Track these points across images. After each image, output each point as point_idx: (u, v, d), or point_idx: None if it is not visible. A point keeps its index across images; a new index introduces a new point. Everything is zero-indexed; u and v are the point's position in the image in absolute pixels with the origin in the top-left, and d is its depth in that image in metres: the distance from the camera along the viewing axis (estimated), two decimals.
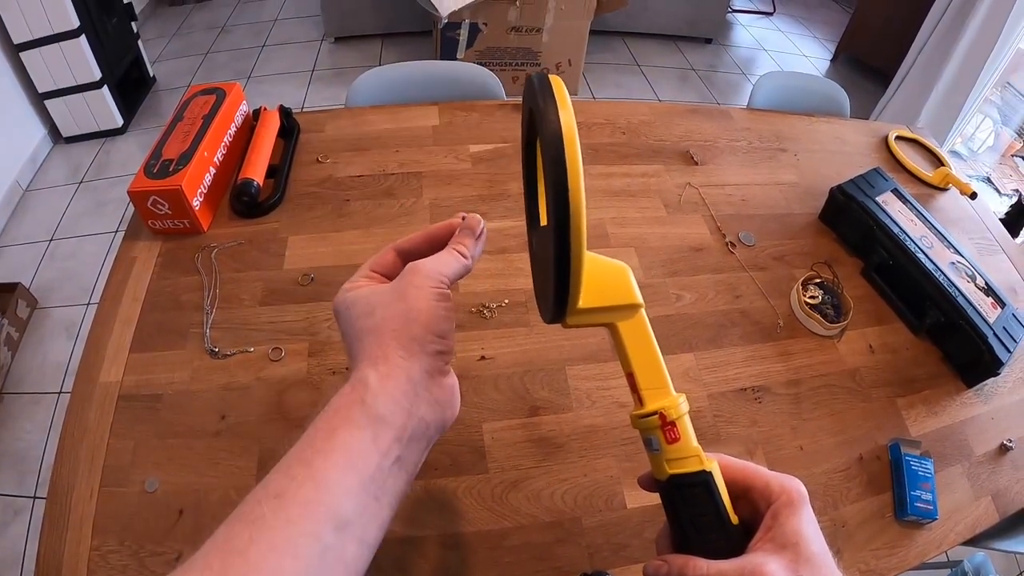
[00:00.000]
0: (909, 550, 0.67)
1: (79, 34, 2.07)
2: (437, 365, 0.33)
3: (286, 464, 0.28)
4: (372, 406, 0.29)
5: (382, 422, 0.29)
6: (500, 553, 0.60)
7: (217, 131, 0.89)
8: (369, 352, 0.32)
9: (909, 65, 2.59)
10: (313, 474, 0.27)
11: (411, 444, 0.31)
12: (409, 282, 0.33)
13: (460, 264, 0.36)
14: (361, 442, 0.28)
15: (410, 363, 0.31)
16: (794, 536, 0.31)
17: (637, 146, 1.09)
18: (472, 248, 0.37)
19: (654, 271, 0.89)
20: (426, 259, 0.35)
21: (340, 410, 0.30)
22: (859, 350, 0.84)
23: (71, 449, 0.63)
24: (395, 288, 0.34)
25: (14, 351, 1.68)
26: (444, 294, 0.34)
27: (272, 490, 0.27)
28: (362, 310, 0.34)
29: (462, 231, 0.38)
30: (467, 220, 0.38)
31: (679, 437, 0.33)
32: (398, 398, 0.30)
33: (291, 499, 0.26)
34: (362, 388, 0.30)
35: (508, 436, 0.69)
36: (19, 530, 1.39)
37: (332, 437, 0.28)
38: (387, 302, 0.33)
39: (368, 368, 0.31)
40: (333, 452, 0.28)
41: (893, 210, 0.95)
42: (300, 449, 0.29)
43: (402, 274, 0.35)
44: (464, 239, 0.37)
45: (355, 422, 0.29)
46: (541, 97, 0.28)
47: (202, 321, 0.75)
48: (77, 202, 2.12)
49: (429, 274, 0.34)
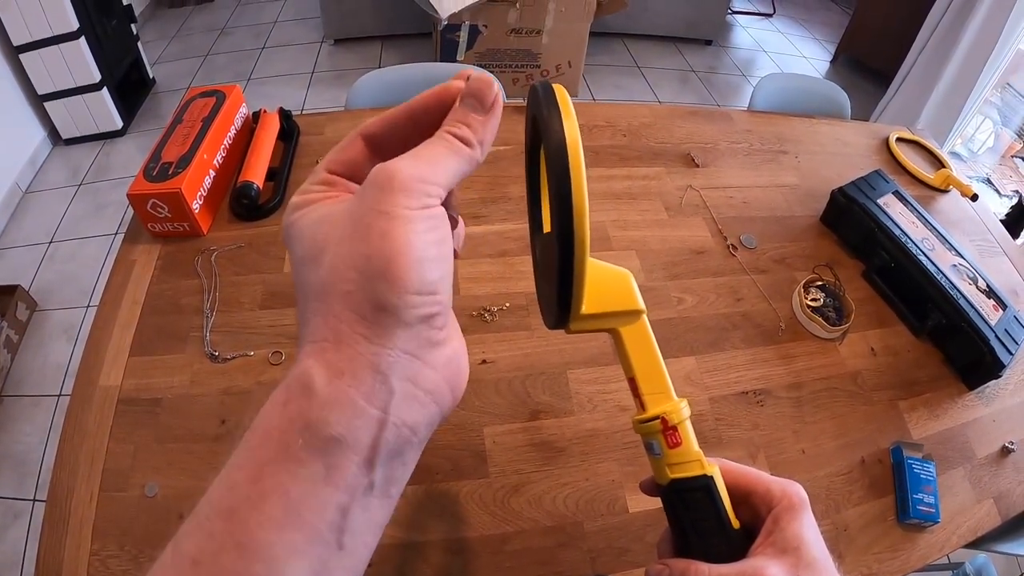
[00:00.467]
0: (911, 553, 0.67)
1: (79, 36, 2.07)
2: (424, 337, 0.21)
3: (203, 512, 0.20)
4: (319, 425, 0.19)
5: (338, 447, 0.19)
6: (502, 558, 0.60)
7: (217, 134, 0.89)
8: (313, 330, 0.21)
9: (909, 66, 2.59)
10: (236, 536, 0.18)
11: (390, 462, 0.21)
12: (372, 203, 0.21)
13: (460, 159, 0.23)
14: (305, 482, 0.19)
15: (378, 346, 0.20)
16: (795, 541, 0.31)
17: (638, 148, 1.09)
18: (480, 130, 0.24)
19: (655, 274, 0.88)
20: (403, 157, 0.22)
21: (271, 434, 0.20)
22: (861, 353, 0.84)
23: (71, 453, 0.63)
24: (352, 214, 0.21)
25: (14, 353, 1.68)
26: (432, 216, 0.22)
27: (186, 552, 0.19)
28: (307, 250, 0.22)
29: (464, 102, 0.24)
30: (472, 82, 0.24)
31: (681, 442, 0.33)
32: (360, 405, 0.20)
33: (210, 569, 0.18)
34: (303, 397, 0.20)
35: (509, 440, 0.68)
36: (19, 533, 1.38)
37: (260, 479, 0.19)
38: (339, 240, 0.21)
39: (312, 359, 0.20)
40: (263, 501, 0.19)
41: (894, 212, 0.95)
42: (218, 491, 0.20)
43: (363, 186, 0.22)
44: (466, 115, 0.24)
45: (293, 455, 0.19)
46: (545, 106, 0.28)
47: (202, 324, 0.75)
48: (77, 204, 2.11)
49: (405, 186, 0.21)
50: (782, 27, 3.63)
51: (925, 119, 2.50)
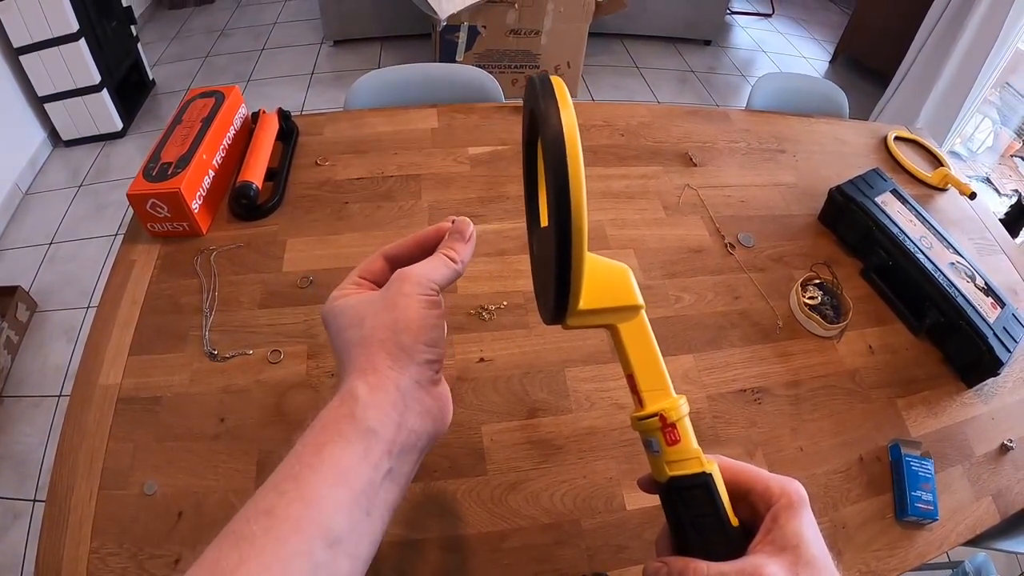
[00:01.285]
0: (909, 551, 0.67)
1: (78, 37, 2.07)
2: (428, 374, 0.32)
3: (275, 480, 0.27)
4: (362, 419, 0.29)
5: (372, 435, 0.29)
6: (499, 555, 0.60)
7: (216, 134, 0.89)
8: (358, 363, 0.31)
9: (908, 66, 2.59)
10: (302, 490, 0.26)
11: (402, 456, 0.30)
12: (397, 290, 0.33)
13: (449, 270, 0.35)
14: (351, 456, 0.28)
15: (399, 374, 0.31)
16: (794, 538, 0.31)
17: (636, 148, 1.09)
18: (462, 252, 0.36)
19: (653, 273, 0.89)
20: (415, 265, 0.35)
21: (329, 424, 0.29)
22: (859, 351, 0.84)
23: (70, 452, 0.63)
24: (383, 297, 0.33)
25: (14, 354, 1.68)
26: (434, 301, 0.33)
27: (261, 507, 0.26)
28: (350, 320, 0.33)
29: (451, 235, 0.37)
30: (456, 224, 0.37)
31: (679, 439, 0.33)
32: (387, 410, 0.30)
33: (281, 516, 0.26)
34: (351, 401, 0.30)
35: (507, 438, 0.68)
36: (19, 533, 1.39)
37: (321, 452, 0.28)
38: (375, 311, 0.33)
39: (357, 380, 0.30)
40: (322, 467, 0.27)
41: (892, 211, 0.95)
42: (289, 464, 0.28)
43: (390, 282, 0.34)
44: (453, 244, 0.36)
45: (344, 436, 0.28)
46: (542, 98, 0.27)
47: (201, 324, 0.75)
48: (77, 205, 2.12)
49: (418, 281, 0.33)
50: (781, 27, 3.63)
51: (924, 119, 2.50)
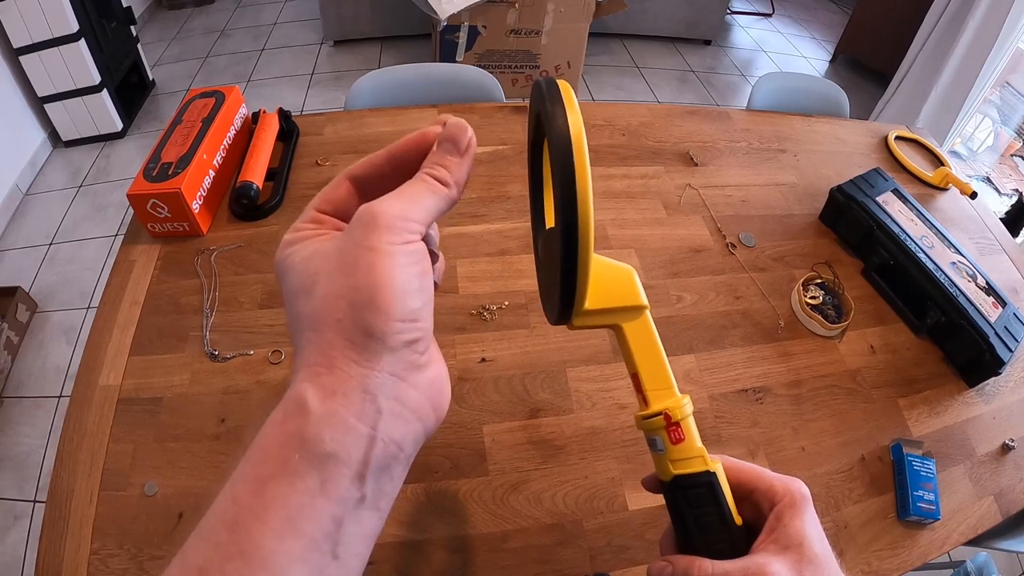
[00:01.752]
0: (911, 551, 0.67)
1: (78, 38, 2.07)
2: (407, 360, 0.23)
3: (208, 525, 0.21)
4: (314, 442, 0.21)
5: (331, 462, 0.21)
6: (501, 556, 0.60)
7: (216, 134, 0.89)
8: (308, 356, 0.23)
9: (908, 65, 2.59)
10: (241, 545, 0.20)
11: (380, 476, 0.22)
12: (359, 240, 0.23)
13: (438, 197, 0.25)
14: (303, 495, 0.21)
15: (367, 369, 0.22)
16: (798, 537, 0.31)
17: (637, 148, 1.09)
18: (456, 171, 0.26)
19: (654, 272, 0.88)
20: (386, 197, 0.24)
21: (271, 450, 0.21)
22: (860, 350, 0.84)
23: (71, 453, 0.63)
24: (340, 250, 0.23)
25: (14, 355, 1.68)
26: (414, 251, 0.23)
27: (192, 562, 0.20)
28: (299, 282, 0.24)
29: (441, 146, 0.26)
30: (447, 128, 0.27)
31: (683, 438, 0.33)
32: (351, 423, 0.21)
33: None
34: (298, 415, 0.21)
35: (509, 438, 0.68)
36: (19, 534, 1.38)
37: (263, 491, 0.21)
38: (328, 271, 0.23)
39: (305, 383, 0.22)
40: (265, 512, 0.20)
41: (893, 210, 0.95)
42: (223, 504, 0.21)
43: (350, 224, 0.24)
44: (443, 157, 0.26)
45: (291, 468, 0.21)
46: (549, 100, 0.28)
47: (201, 324, 0.75)
48: (77, 206, 2.12)
49: (389, 223, 0.23)
50: (781, 27, 3.63)
51: (924, 118, 2.50)
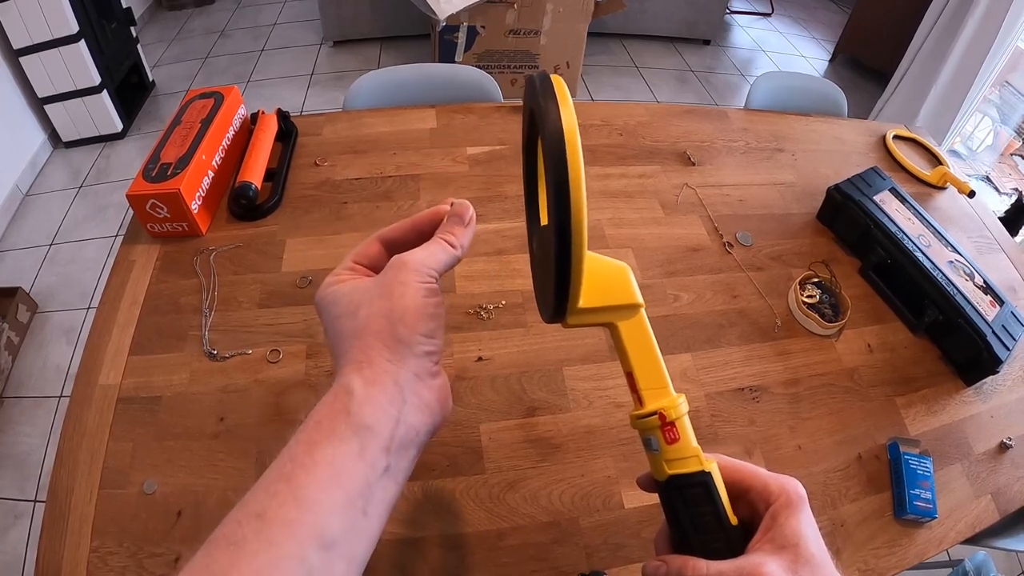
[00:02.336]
0: (909, 549, 0.67)
1: (79, 39, 2.08)
2: (426, 367, 0.31)
3: (267, 480, 0.26)
4: (357, 415, 0.28)
5: (368, 432, 0.28)
6: (498, 554, 0.60)
7: (215, 135, 0.89)
8: (352, 356, 0.30)
9: (907, 65, 2.59)
10: (295, 491, 0.25)
11: (400, 452, 0.29)
12: (394, 277, 0.31)
13: (448, 255, 0.34)
14: (346, 455, 0.27)
15: (397, 367, 0.30)
16: (793, 537, 0.31)
17: (634, 147, 1.09)
18: (461, 237, 0.35)
19: (651, 272, 0.89)
20: (412, 251, 0.33)
21: (323, 421, 0.28)
22: (857, 349, 0.84)
23: (70, 452, 0.63)
24: (379, 284, 0.32)
25: (14, 355, 1.69)
26: (432, 289, 0.32)
27: (253, 509, 0.25)
28: (344, 309, 0.32)
29: (450, 219, 0.35)
30: (455, 207, 0.36)
31: (678, 437, 0.33)
32: (384, 405, 0.29)
33: (273, 519, 0.25)
34: (345, 396, 0.28)
35: (505, 437, 0.69)
36: (20, 534, 1.39)
37: (314, 451, 0.27)
38: (370, 300, 0.31)
39: (352, 374, 0.29)
40: (316, 467, 0.26)
41: (890, 209, 0.95)
42: (281, 463, 0.27)
43: (386, 268, 0.32)
44: (452, 227, 0.35)
45: (339, 434, 0.27)
46: (542, 96, 0.28)
47: (200, 324, 0.75)
48: (77, 207, 2.12)
49: (415, 268, 0.32)
50: (780, 27, 3.63)
51: (924, 118, 2.50)
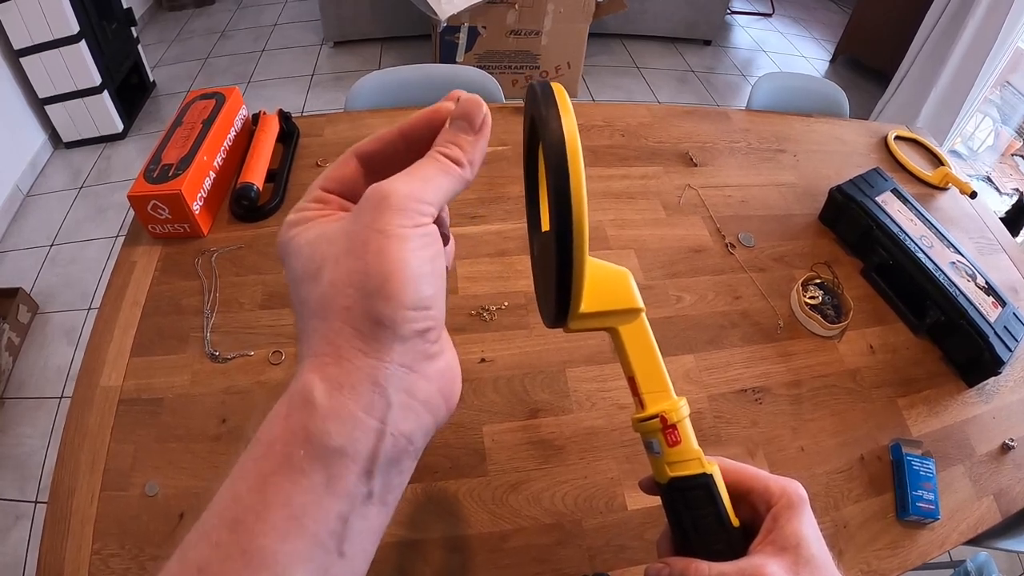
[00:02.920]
0: (911, 550, 0.67)
1: (79, 39, 2.08)
2: (419, 351, 0.22)
3: (208, 524, 0.20)
4: (320, 437, 0.20)
5: (338, 458, 0.20)
6: (500, 555, 0.60)
7: (216, 135, 0.89)
8: (314, 345, 0.22)
9: (908, 65, 2.59)
10: (242, 544, 0.19)
11: (388, 470, 0.21)
12: (369, 222, 0.21)
13: (451, 178, 0.24)
14: (307, 492, 0.20)
15: (375, 359, 0.21)
16: (794, 538, 0.31)
17: (636, 148, 1.09)
18: (470, 150, 0.24)
19: (654, 273, 0.89)
20: (397, 177, 0.23)
21: (274, 446, 0.20)
22: (859, 350, 0.84)
23: (72, 453, 0.63)
24: (348, 233, 0.22)
25: (15, 356, 1.69)
26: (425, 234, 0.22)
27: (192, 561, 0.19)
28: (304, 267, 0.22)
29: (454, 123, 0.25)
30: (461, 104, 0.25)
31: (680, 440, 0.33)
32: (359, 418, 0.20)
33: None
34: (304, 410, 0.20)
35: (508, 438, 0.68)
36: (21, 535, 1.39)
37: (264, 489, 0.20)
38: (335, 257, 0.22)
39: (311, 374, 0.21)
40: (267, 511, 0.19)
41: (892, 210, 0.95)
42: (224, 502, 0.20)
43: (359, 205, 0.22)
44: (456, 136, 0.24)
45: (296, 465, 0.20)
46: (543, 104, 0.28)
47: (202, 325, 0.75)
48: (78, 207, 2.12)
49: (400, 205, 0.21)
50: (781, 27, 3.63)
51: (924, 118, 2.50)
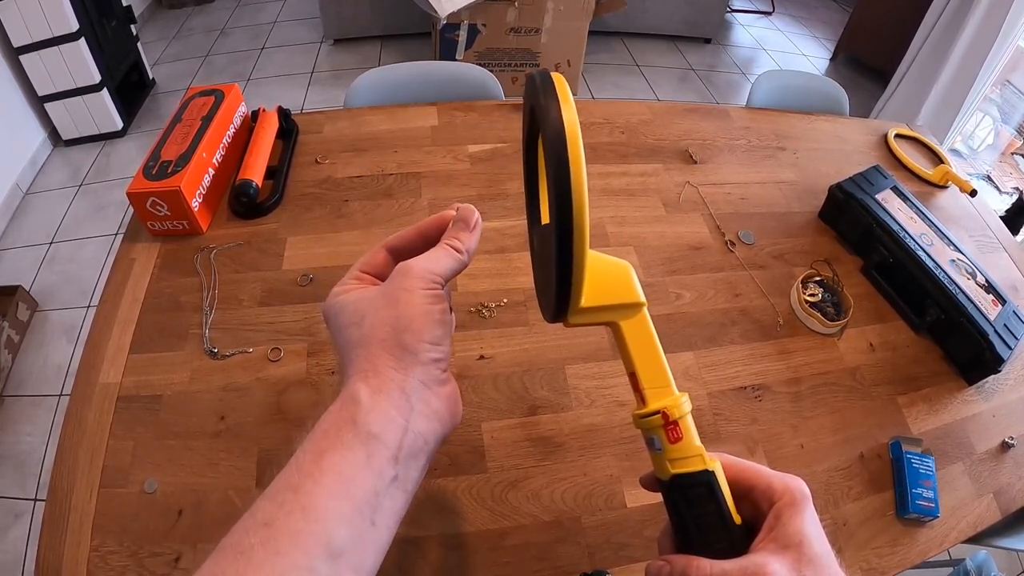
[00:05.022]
0: (911, 548, 0.67)
1: (78, 37, 2.07)
2: (433, 374, 0.31)
3: (273, 489, 0.27)
4: (364, 424, 0.28)
5: (375, 441, 0.28)
6: (500, 553, 0.60)
7: (216, 132, 0.89)
8: (359, 365, 0.30)
9: (908, 64, 2.59)
10: (302, 501, 0.26)
11: (409, 462, 0.29)
12: (399, 285, 0.31)
13: (454, 260, 0.34)
14: (353, 464, 0.27)
15: (404, 375, 0.30)
16: (797, 536, 0.31)
17: (636, 145, 1.09)
18: (467, 242, 0.35)
19: (653, 270, 0.88)
20: (417, 258, 0.33)
21: (329, 431, 0.28)
22: (859, 348, 0.84)
23: (70, 450, 0.63)
24: (384, 293, 0.32)
25: (15, 354, 1.69)
26: (437, 295, 0.32)
27: (259, 519, 0.25)
28: (350, 318, 0.32)
29: (455, 224, 0.35)
30: (460, 212, 0.36)
31: (682, 436, 0.33)
32: (392, 414, 0.29)
33: (280, 529, 0.25)
34: (352, 405, 0.28)
35: (507, 435, 0.68)
36: (20, 533, 1.39)
37: (321, 460, 0.27)
38: (375, 308, 0.31)
39: (358, 383, 0.29)
40: (322, 476, 0.26)
41: (893, 208, 0.95)
42: (288, 473, 0.27)
43: (391, 276, 0.33)
44: (458, 233, 0.35)
45: (346, 443, 0.27)
46: (543, 94, 0.27)
47: (201, 322, 0.75)
48: (77, 205, 2.12)
49: (420, 275, 0.32)
50: (781, 25, 3.63)
51: (924, 117, 2.49)
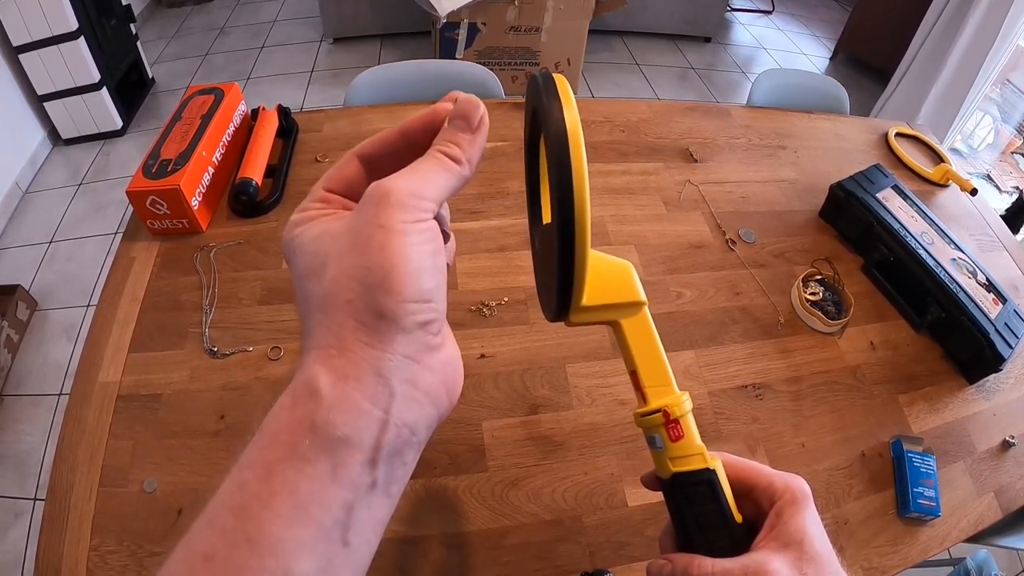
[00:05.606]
0: (911, 547, 0.67)
1: (78, 36, 2.07)
2: (422, 342, 0.22)
3: (214, 512, 0.20)
4: (325, 427, 0.20)
5: (343, 446, 0.20)
6: (500, 552, 0.60)
7: (215, 131, 0.89)
8: (319, 338, 0.22)
9: (908, 63, 2.59)
10: (248, 530, 0.19)
11: (391, 460, 0.22)
12: (371, 219, 0.22)
13: (451, 175, 0.24)
14: (312, 481, 0.20)
15: (380, 352, 0.21)
16: (798, 534, 0.31)
17: (636, 144, 1.09)
18: (468, 148, 0.25)
19: (654, 269, 0.88)
20: (398, 175, 0.23)
21: (280, 436, 0.21)
22: (860, 347, 0.84)
23: (70, 449, 0.63)
24: (351, 229, 0.22)
25: (14, 353, 1.68)
26: (425, 230, 0.23)
27: (197, 549, 0.19)
28: (308, 265, 0.23)
29: (452, 123, 0.25)
30: (459, 105, 0.26)
31: (683, 435, 0.33)
32: (364, 407, 0.21)
33: (222, 565, 0.19)
34: (309, 400, 0.21)
35: (508, 434, 0.68)
36: (20, 532, 1.38)
37: (270, 477, 0.20)
38: (339, 252, 0.22)
39: (317, 364, 0.21)
40: (273, 498, 0.19)
41: (893, 206, 0.95)
42: (230, 489, 0.20)
43: (361, 202, 0.23)
44: (455, 135, 0.25)
45: (301, 454, 0.20)
46: (545, 95, 0.27)
47: (201, 321, 0.75)
48: (76, 204, 2.11)
49: (401, 201, 0.22)
50: (781, 24, 3.62)
51: (925, 116, 2.49)
